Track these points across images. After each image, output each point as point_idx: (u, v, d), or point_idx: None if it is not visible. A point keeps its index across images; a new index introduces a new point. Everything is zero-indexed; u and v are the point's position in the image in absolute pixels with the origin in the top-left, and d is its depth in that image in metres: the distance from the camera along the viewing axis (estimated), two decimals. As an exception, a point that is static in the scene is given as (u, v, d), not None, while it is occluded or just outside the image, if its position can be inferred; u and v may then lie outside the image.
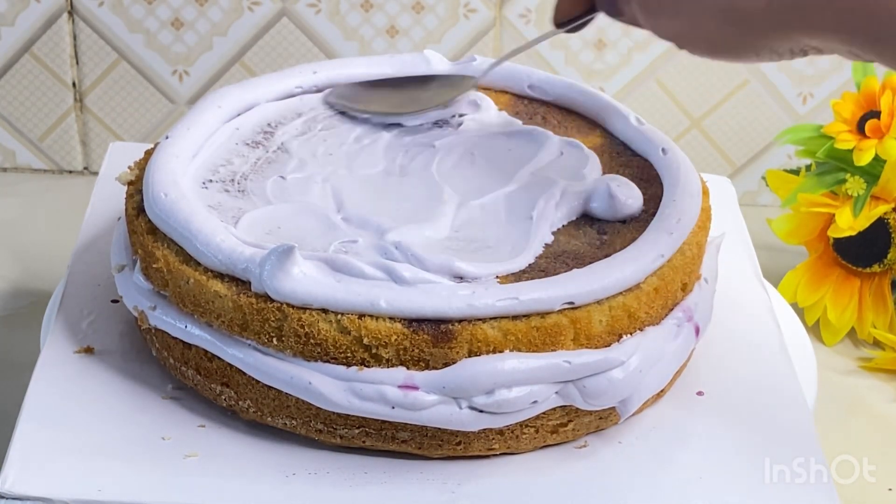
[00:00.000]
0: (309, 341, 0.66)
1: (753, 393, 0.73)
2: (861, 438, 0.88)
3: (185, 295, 0.69)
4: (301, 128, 0.80)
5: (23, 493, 0.64)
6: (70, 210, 1.04)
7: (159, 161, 0.74)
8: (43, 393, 0.70)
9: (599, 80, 1.09)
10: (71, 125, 1.12)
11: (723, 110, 1.11)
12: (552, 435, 0.69)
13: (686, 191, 0.74)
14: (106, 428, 0.68)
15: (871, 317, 0.96)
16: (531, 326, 0.66)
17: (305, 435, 0.69)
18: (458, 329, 0.65)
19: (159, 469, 0.66)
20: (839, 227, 0.93)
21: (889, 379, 0.94)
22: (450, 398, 0.66)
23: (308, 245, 0.69)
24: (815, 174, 0.96)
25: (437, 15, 1.08)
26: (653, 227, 0.71)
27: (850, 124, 0.93)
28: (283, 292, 0.66)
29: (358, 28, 1.09)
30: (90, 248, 0.81)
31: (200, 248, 0.68)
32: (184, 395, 0.71)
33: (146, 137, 1.12)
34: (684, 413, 0.72)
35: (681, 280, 0.71)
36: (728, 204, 0.89)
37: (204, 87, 1.11)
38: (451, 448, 0.68)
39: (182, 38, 1.09)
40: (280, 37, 1.09)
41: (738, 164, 1.13)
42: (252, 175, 0.76)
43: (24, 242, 1.04)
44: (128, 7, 1.08)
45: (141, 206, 0.73)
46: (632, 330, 0.68)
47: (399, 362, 0.66)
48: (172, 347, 0.71)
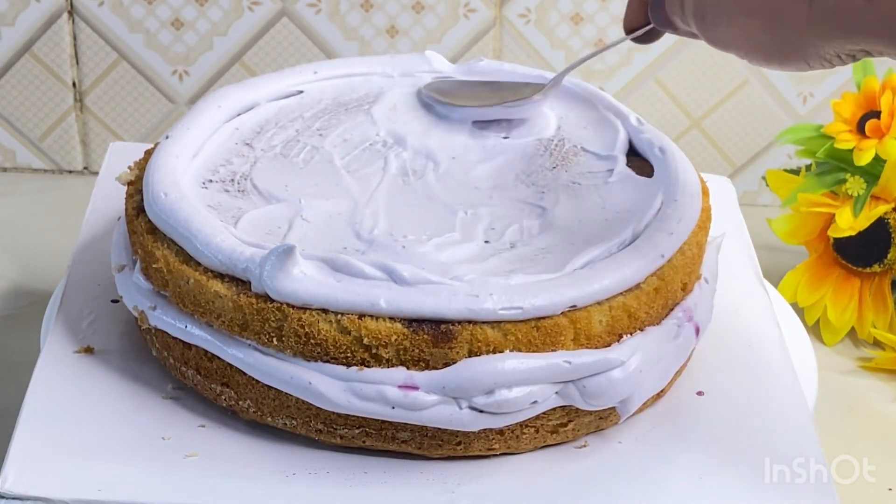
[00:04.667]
0: (309, 341, 0.66)
1: (753, 393, 0.73)
2: (861, 438, 0.88)
3: (185, 295, 0.69)
4: (301, 128, 0.80)
5: (23, 493, 0.64)
6: (70, 210, 1.04)
7: (159, 161, 0.74)
8: (43, 393, 0.70)
9: (599, 80, 1.09)
10: (71, 125, 1.12)
11: (723, 110, 1.11)
12: (552, 435, 0.69)
13: (686, 191, 0.74)
14: (106, 428, 0.68)
15: (871, 317, 0.96)
16: (531, 326, 0.66)
17: (305, 435, 0.69)
18: (458, 329, 0.65)
19: (159, 469, 0.66)
20: (839, 227, 0.93)
21: (889, 379, 0.94)
22: (450, 398, 0.66)
23: (308, 245, 0.69)
24: (815, 174, 0.96)
25: (437, 15, 1.08)
26: (653, 226, 0.71)
27: (850, 124, 0.93)
28: (284, 292, 0.66)
29: (358, 28, 1.09)
30: (90, 248, 0.81)
31: (200, 248, 0.68)
32: (184, 395, 0.71)
33: (146, 137, 1.12)
34: (684, 413, 0.72)
35: (681, 280, 0.71)
36: (728, 204, 0.89)
37: (204, 87, 1.11)
38: (451, 448, 0.68)
39: (182, 38, 1.09)
40: (280, 37, 1.09)
41: (738, 164, 1.13)
42: (252, 174, 0.76)
43: (24, 242, 1.04)
44: (128, 7, 1.08)
45: (141, 206, 0.73)
46: (632, 330, 0.68)
47: (399, 362, 0.66)
48: (172, 347, 0.71)
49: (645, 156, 0.78)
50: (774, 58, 0.62)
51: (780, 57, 0.61)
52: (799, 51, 0.60)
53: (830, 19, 0.58)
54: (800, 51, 0.60)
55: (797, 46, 0.60)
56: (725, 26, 0.63)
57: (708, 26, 0.64)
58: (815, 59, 0.60)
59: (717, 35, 0.64)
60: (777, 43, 0.61)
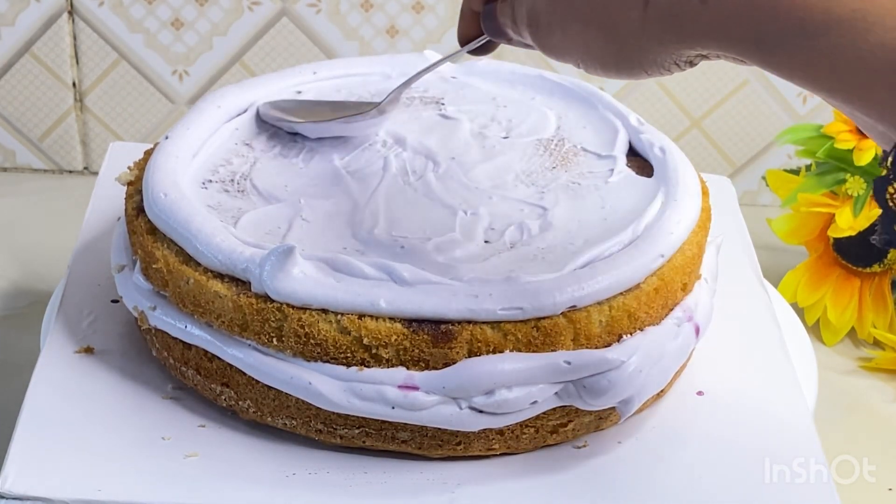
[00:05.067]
0: (309, 341, 0.66)
1: (753, 393, 0.73)
2: (861, 438, 0.88)
3: (185, 295, 0.69)
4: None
5: (23, 493, 0.64)
6: (70, 210, 1.04)
7: (159, 161, 0.74)
8: (43, 393, 0.70)
9: (599, 79, 1.09)
10: (71, 125, 1.12)
11: (723, 110, 1.11)
12: (552, 435, 0.69)
13: (686, 191, 0.74)
14: (106, 428, 0.68)
15: (871, 317, 0.96)
16: (531, 326, 0.66)
17: (305, 435, 0.69)
18: (458, 329, 0.65)
19: (159, 469, 0.66)
20: (839, 227, 0.93)
21: (889, 379, 0.94)
22: (450, 398, 0.66)
23: (308, 245, 0.69)
24: (815, 174, 0.96)
25: (437, 15, 1.08)
26: (653, 227, 0.71)
27: (850, 124, 0.93)
28: (283, 292, 0.66)
29: (358, 28, 1.09)
30: (90, 248, 0.81)
31: (200, 248, 0.68)
32: (184, 395, 0.71)
33: (146, 137, 1.12)
34: (684, 413, 0.72)
35: (681, 280, 0.71)
36: (728, 204, 0.89)
37: (204, 87, 1.11)
38: (451, 448, 0.68)
39: (182, 38, 1.09)
40: (280, 37, 1.09)
41: (738, 164, 1.13)
42: (252, 175, 0.76)
43: (24, 242, 1.04)
44: (128, 7, 1.08)
45: (141, 206, 0.73)
46: (632, 330, 0.68)
47: (399, 362, 0.66)
48: (172, 347, 0.71)
49: (645, 156, 0.78)
50: (611, 66, 0.60)
51: (617, 65, 0.59)
52: (635, 58, 0.58)
53: (665, 23, 0.56)
54: (636, 58, 0.58)
55: (632, 53, 0.58)
56: (560, 35, 0.61)
57: (542, 35, 0.62)
58: (652, 67, 0.59)
59: (551, 44, 0.62)
60: (612, 51, 0.59)
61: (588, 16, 0.59)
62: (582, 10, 0.59)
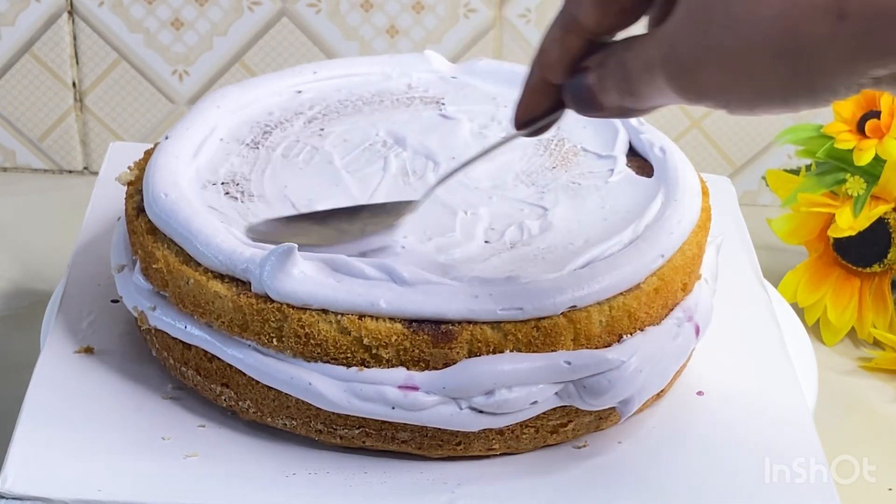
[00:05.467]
0: (309, 342, 0.66)
1: (753, 393, 0.73)
2: (861, 438, 0.88)
3: (185, 295, 0.69)
4: (301, 127, 0.80)
5: (23, 493, 0.64)
6: (70, 210, 1.04)
7: (159, 161, 0.74)
8: (43, 393, 0.70)
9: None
10: (71, 125, 1.12)
11: (723, 110, 1.11)
12: (552, 435, 0.69)
13: (686, 191, 0.74)
14: (106, 428, 0.68)
15: (871, 317, 0.96)
16: (531, 327, 0.66)
17: (305, 435, 0.69)
18: (458, 329, 0.65)
19: (159, 469, 0.66)
20: (839, 227, 0.93)
21: (889, 379, 0.94)
22: (450, 398, 0.66)
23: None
24: (815, 174, 0.96)
25: (437, 15, 1.08)
26: (653, 227, 0.71)
27: (850, 124, 0.93)
28: (284, 293, 0.66)
29: (358, 28, 1.09)
30: (90, 248, 0.81)
31: (200, 248, 0.68)
32: (184, 395, 0.71)
33: (146, 137, 1.12)
34: (684, 413, 0.72)
35: (681, 280, 0.71)
36: (728, 204, 0.89)
37: (204, 87, 1.11)
38: (451, 448, 0.68)
39: (182, 38, 1.09)
40: (280, 37, 1.09)
41: (738, 164, 1.13)
42: (252, 175, 0.76)
43: (24, 242, 1.04)
44: (128, 7, 1.08)
45: (141, 206, 0.73)
46: (632, 330, 0.68)
47: (399, 363, 0.66)
48: (172, 348, 0.71)
49: (645, 156, 0.78)
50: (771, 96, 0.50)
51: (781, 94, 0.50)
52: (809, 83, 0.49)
53: (865, 37, 0.47)
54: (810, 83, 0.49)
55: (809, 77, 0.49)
56: (714, 69, 0.51)
57: (686, 78, 0.52)
58: (826, 93, 0.50)
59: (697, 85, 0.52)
60: (781, 75, 0.49)
61: (753, 37, 0.49)
62: (745, 33, 0.49)
